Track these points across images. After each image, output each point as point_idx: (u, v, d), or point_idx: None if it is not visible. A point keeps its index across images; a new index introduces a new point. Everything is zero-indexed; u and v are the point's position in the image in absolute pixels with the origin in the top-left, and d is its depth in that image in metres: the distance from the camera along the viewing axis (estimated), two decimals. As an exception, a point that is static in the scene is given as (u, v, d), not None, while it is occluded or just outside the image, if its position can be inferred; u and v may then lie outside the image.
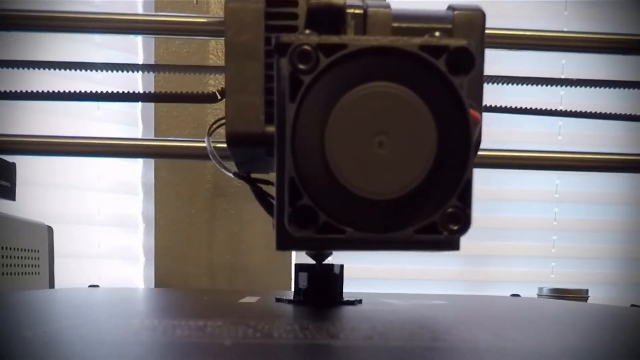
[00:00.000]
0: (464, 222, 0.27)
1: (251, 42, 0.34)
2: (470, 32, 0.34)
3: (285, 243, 0.30)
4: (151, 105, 1.10)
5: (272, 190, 0.44)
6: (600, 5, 1.19)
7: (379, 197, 0.27)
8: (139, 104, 1.14)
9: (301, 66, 0.26)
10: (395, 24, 0.33)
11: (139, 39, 1.13)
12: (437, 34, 0.27)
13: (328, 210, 0.27)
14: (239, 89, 0.34)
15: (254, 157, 0.38)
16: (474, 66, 0.26)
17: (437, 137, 0.27)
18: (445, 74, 0.26)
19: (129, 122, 1.13)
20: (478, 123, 0.28)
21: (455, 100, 0.27)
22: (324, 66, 0.26)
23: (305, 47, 0.26)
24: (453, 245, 0.29)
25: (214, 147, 0.45)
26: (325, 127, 0.26)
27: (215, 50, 1.09)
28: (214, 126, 0.45)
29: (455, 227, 0.27)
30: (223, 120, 0.38)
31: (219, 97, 0.64)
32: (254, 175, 0.44)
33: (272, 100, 0.33)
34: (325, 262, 0.51)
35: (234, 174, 0.44)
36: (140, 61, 1.13)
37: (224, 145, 0.41)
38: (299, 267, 0.52)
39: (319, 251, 0.42)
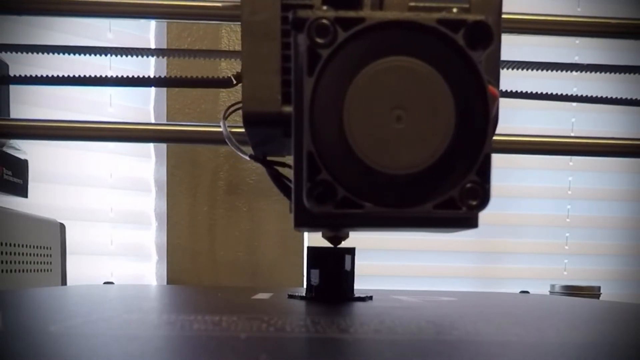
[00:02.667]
0: (482, 197, 0.27)
1: (267, 22, 0.34)
2: (487, 10, 0.33)
3: (303, 221, 0.29)
4: (164, 101, 1.10)
5: (287, 173, 0.43)
6: (614, 1, 1.18)
7: (397, 172, 0.27)
8: (152, 100, 1.14)
9: (319, 40, 0.26)
10: (412, 3, 0.33)
11: (151, 38, 1.13)
12: (454, 9, 0.27)
13: (346, 185, 0.27)
14: (256, 69, 0.34)
15: (270, 139, 0.38)
16: (492, 40, 0.26)
17: (455, 112, 0.26)
18: (463, 48, 0.26)
19: (142, 119, 1.13)
20: (496, 99, 0.28)
21: (473, 75, 0.26)
22: (342, 40, 0.26)
23: (323, 21, 0.26)
24: (471, 222, 0.29)
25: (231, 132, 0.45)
26: (343, 102, 0.26)
27: (227, 47, 1.09)
28: (230, 110, 0.45)
29: (474, 203, 0.27)
30: (238, 105, 0.38)
31: (234, 81, 0.64)
32: (269, 158, 0.44)
33: (288, 80, 0.33)
34: (335, 255, 0.51)
35: (250, 156, 0.44)
36: (151, 61, 1.13)
37: (239, 129, 0.41)
38: (311, 255, 0.52)
39: (337, 229, 0.41)
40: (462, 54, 0.27)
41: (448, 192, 0.27)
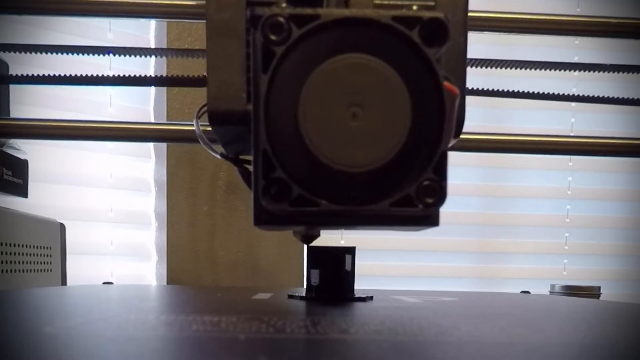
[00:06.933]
0: (439, 195, 0.27)
1: (232, 20, 0.33)
2: (452, 7, 0.33)
3: (262, 219, 0.29)
4: (164, 102, 1.10)
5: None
6: (613, 2, 1.18)
7: (353, 169, 0.26)
8: (152, 100, 1.14)
9: (273, 37, 0.26)
10: (378, 1, 0.32)
11: (151, 38, 1.13)
12: (414, 7, 0.27)
13: (302, 183, 0.26)
14: (220, 67, 0.34)
15: (238, 137, 0.37)
16: (447, 37, 0.26)
17: (411, 110, 0.26)
18: (418, 45, 0.26)
19: (142, 119, 1.13)
20: (456, 96, 0.28)
21: (429, 72, 0.26)
22: (296, 37, 0.26)
23: (278, 18, 0.26)
24: (432, 220, 0.28)
25: (203, 131, 0.44)
26: (299, 99, 0.26)
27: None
28: (203, 109, 0.45)
29: (431, 200, 0.27)
30: None
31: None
32: (242, 157, 0.44)
33: None
34: (335, 255, 0.51)
35: (221, 155, 0.43)
36: (151, 61, 1.13)
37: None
38: (311, 255, 0.52)
39: (296, 226, 0.41)
40: (418, 51, 0.26)
41: (404, 190, 0.27)
